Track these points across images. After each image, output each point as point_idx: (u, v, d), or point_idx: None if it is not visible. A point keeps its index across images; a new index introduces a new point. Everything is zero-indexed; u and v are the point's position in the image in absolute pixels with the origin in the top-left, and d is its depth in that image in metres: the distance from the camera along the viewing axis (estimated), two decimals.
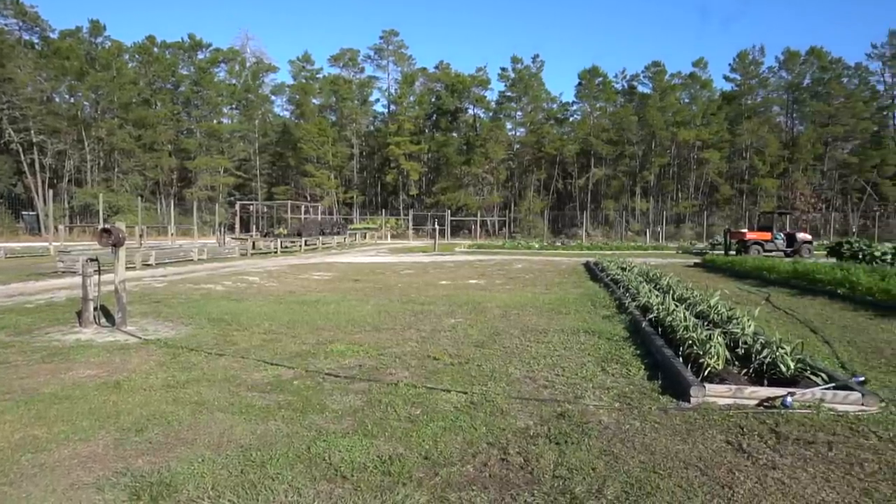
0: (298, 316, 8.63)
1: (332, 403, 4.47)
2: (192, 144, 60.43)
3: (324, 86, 65.94)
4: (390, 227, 55.29)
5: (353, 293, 11.67)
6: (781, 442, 3.69)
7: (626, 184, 59.85)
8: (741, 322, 6.20)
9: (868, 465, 3.34)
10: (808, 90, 59.87)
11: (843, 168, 57.66)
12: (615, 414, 4.23)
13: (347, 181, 66.32)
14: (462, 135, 64.09)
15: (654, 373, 5.25)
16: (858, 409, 4.23)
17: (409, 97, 65.11)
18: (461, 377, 5.21)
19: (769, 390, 4.43)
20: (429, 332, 7.36)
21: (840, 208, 56.20)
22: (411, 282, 14.08)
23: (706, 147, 56.84)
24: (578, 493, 3.00)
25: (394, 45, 67.48)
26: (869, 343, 6.73)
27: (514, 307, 9.58)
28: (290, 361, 5.79)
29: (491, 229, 58.66)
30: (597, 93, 61.66)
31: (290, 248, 30.26)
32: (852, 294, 10.43)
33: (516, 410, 4.31)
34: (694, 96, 60.49)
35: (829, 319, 8.47)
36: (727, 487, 3.07)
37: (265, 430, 3.91)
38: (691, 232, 52.50)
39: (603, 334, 7.09)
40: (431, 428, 3.92)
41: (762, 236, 26.12)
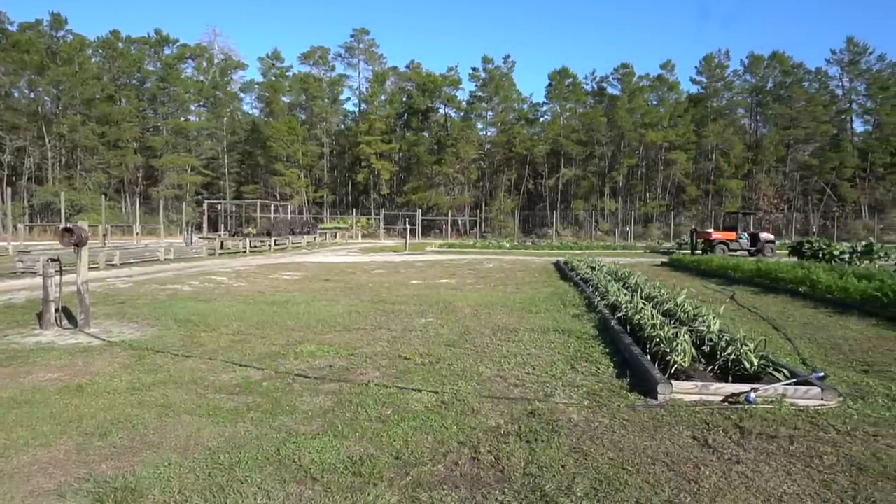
0: (268, 316, 8.53)
1: (301, 404, 4.43)
2: (159, 142, 59.28)
3: (294, 84, 65.33)
4: (361, 226, 55.01)
5: (324, 293, 11.58)
6: (745, 437, 3.77)
7: (596, 184, 60.57)
8: (707, 320, 6.32)
9: (827, 457, 3.44)
10: (771, 93, 61.47)
11: (804, 170, 59.31)
12: (584, 411, 4.27)
13: (318, 180, 65.80)
14: (433, 134, 64.11)
15: (622, 370, 5.32)
16: (818, 403, 4.35)
17: (381, 96, 64.93)
18: (432, 377, 5.20)
19: (734, 386, 4.53)
20: (400, 332, 7.35)
21: (801, 209, 57.78)
22: (382, 281, 14.03)
23: (673, 148, 57.86)
24: (549, 490, 3.02)
25: (365, 44, 67.23)
26: (828, 339, 6.93)
27: (484, 306, 9.62)
28: (260, 362, 5.72)
29: (462, 229, 58.78)
30: (567, 94, 62.27)
31: (260, 248, 29.88)
32: (812, 292, 10.73)
33: (487, 409, 4.32)
34: (661, 98, 61.55)
35: (790, 317, 8.69)
36: (693, 482, 3.13)
37: (233, 432, 3.85)
38: (659, 232, 53.41)
39: (573, 333, 7.16)
40: (402, 428, 3.91)
41: (727, 236, 26.71)
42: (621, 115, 57.20)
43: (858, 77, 60.25)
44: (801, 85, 60.20)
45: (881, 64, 59.12)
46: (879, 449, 3.56)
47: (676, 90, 62.03)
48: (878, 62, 59.14)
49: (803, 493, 3.00)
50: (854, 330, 7.56)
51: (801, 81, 60.33)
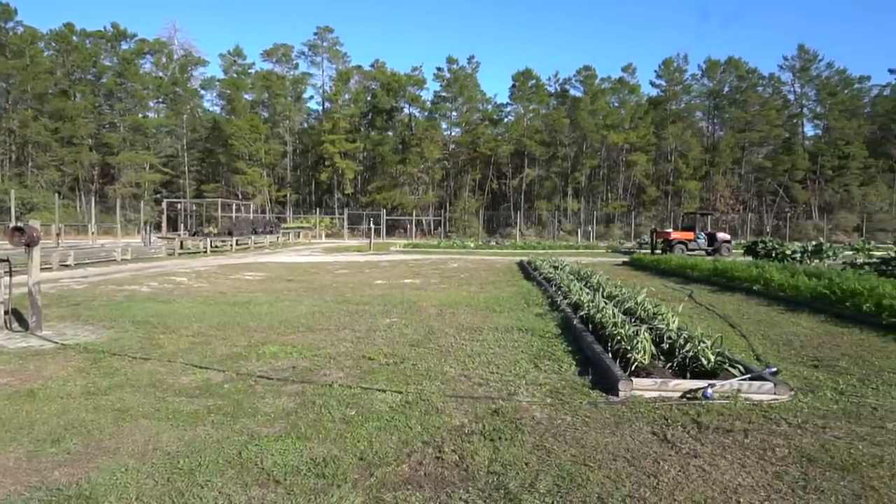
0: (229, 317, 8.38)
1: (264, 406, 4.37)
2: (115, 139, 57.56)
3: (256, 81, 64.25)
4: (325, 226, 54.51)
5: (287, 293, 11.44)
6: (702, 431, 3.87)
7: (559, 184, 61.27)
8: (666, 318, 6.47)
9: (779, 450, 3.56)
10: (728, 97, 63.14)
11: (759, 172, 61.15)
12: (547, 409, 4.32)
13: (280, 179, 64.91)
14: (398, 134, 63.86)
15: (584, 368, 5.40)
16: (771, 397, 4.50)
17: (345, 95, 64.34)
18: (396, 377, 5.20)
19: (691, 382, 4.65)
20: (364, 332, 7.31)
21: (756, 209, 59.53)
22: (346, 281, 13.93)
23: (634, 150, 58.93)
24: (512, 488, 3.05)
25: (328, 42, 66.55)
26: (781, 336, 7.16)
27: (449, 306, 9.64)
28: (221, 364, 5.62)
29: (426, 229, 58.76)
30: (530, 95, 62.81)
31: (221, 248, 29.34)
32: (766, 290, 11.08)
33: (451, 408, 4.34)
34: (623, 100, 62.59)
35: (745, 314, 8.96)
36: (652, 476, 3.20)
37: (193, 435, 3.78)
38: (620, 231, 54.35)
39: (536, 332, 7.23)
40: (366, 428, 3.89)
41: (685, 236, 27.36)
42: (583, 116, 57.97)
43: (809, 83, 62.38)
44: (756, 90, 62.07)
45: (829, 71, 61.46)
46: (828, 440, 3.70)
47: (637, 93, 63.18)
48: (827, 69, 61.46)
49: (757, 484, 3.10)
50: (805, 326, 7.83)
51: (755, 86, 62.19)
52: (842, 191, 57.95)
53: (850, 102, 61.17)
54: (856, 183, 57.67)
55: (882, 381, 5.06)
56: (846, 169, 58.15)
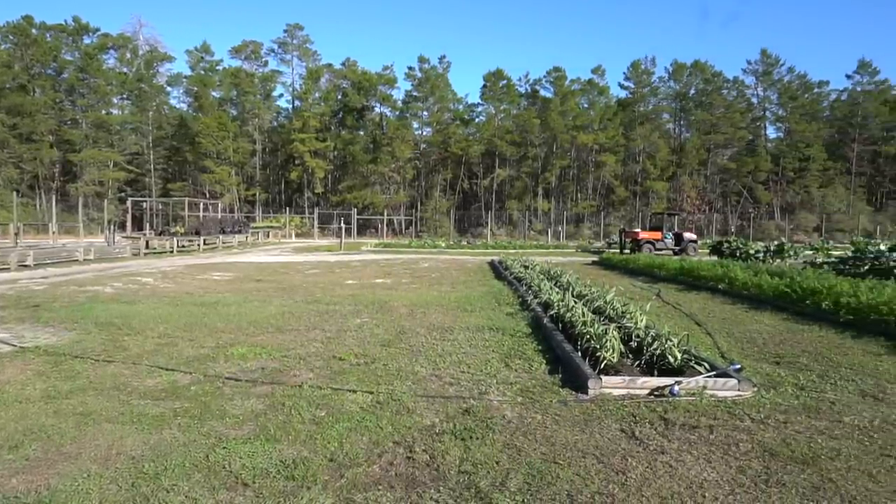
0: (196, 318, 8.24)
1: (232, 408, 4.31)
2: (78, 136, 56.02)
3: (224, 78, 63.23)
4: (295, 225, 53.94)
5: (256, 294, 11.29)
6: (669, 428, 3.94)
7: (529, 185, 61.66)
8: (634, 316, 6.56)
9: (743, 444, 3.64)
10: (694, 100, 64.35)
11: (724, 173, 62.46)
12: (518, 408, 4.35)
13: (249, 178, 64.00)
14: (368, 133, 63.52)
15: (555, 367, 5.45)
16: (735, 394, 4.60)
17: (315, 93, 63.76)
18: (367, 377, 5.17)
19: (659, 380, 4.72)
20: (334, 333, 7.26)
21: (721, 210, 60.78)
22: (316, 281, 13.81)
23: (603, 151, 59.62)
24: (483, 487, 3.06)
25: (298, 40, 65.90)
26: (744, 334, 7.33)
27: (420, 306, 9.63)
28: (187, 366, 5.52)
29: (398, 228, 58.61)
30: (501, 95, 63.06)
31: (188, 248, 28.82)
32: (731, 289, 11.32)
33: (422, 408, 4.34)
34: (592, 102, 63.28)
35: (711, 312, 9.14)
36: (621, 473, 3.25)
37: (159, 439, 3.71)
38: (590, 231, 54.97)
39: (507, 331, 7.27)
40: (337, 429, 3.87)
41: (653, 236, 27.81)
42: (554, 117, 58.45)
43: (771, 87, 63.98)
44: (721, 92, 63.38)
45: (791, 76, 63.19)
46: (789, 435, 3.80)
47: (606, 94, 63.92)
48: (788, 74, 63.19)
49: (721, 479, 3.17)
50: (767, 324, 8.03)
51: (720, 89, 63.50)
52: (802, 192, 59.59)
53: (810, 106, 63.06)
54: (815, 184, 59.37)
55: (840, 377, 5.22)
56: (806, 171, 59.82)
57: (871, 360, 5.84)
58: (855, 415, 4.22)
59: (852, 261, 12.90)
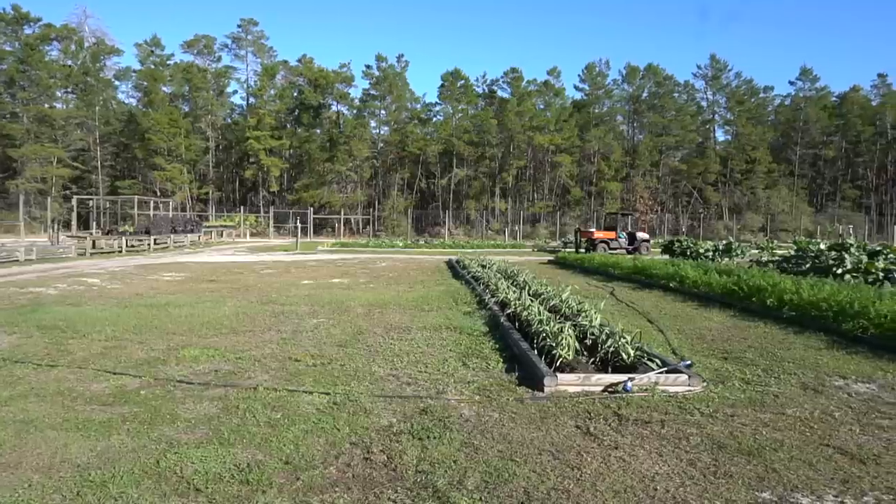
0: (146, 320, 8.00)
1: (184, 412, 4.20)
2: (18, 130, 53.50)
3: (175, 73, 61.43)
4: (250, 225, 52.96)
5: (209, 294, 11.03)
6: (623, 423, 4.03)
7: (487, 184, 62.03)
8: (589, 315, 6.68)
9: (693, 438, 3.76)
10: (646, 103, 65.84)
11: (675, 174, 64.16)
12: (475, 407, 4.38)
13: (202, 176, 62.47)
14: (325, 131, 62.75)
15: (511, 365, 5.50)
16: (686, 389, 4.74)
17: (270, 90, 62.62)
18: (324, 378, 5.12)
19: (613, 377, 4.83)
20: (290, 334, 7.16)
21: (672, 210, 62.44)
22: (272, 282, 13.59)
23: (559, 151, 60.43)
24: (440, 486, 3.07)
25: (253, 35, 64.67)
26: (694, 330, 7.56)
27: (377, 306, 9.59)
28: (137, 369, 5.35)
29: (355, 228, 58.17)
30: (459, 95, 63.21)
31: (138, 248, 27.93)
32: (682, 287, 11.65)
33: (380, 409, 4.32)
34: (548, 103, 64.05)
35: (663, 310, 9.39)
36: (576, 469, 3.30)
37: (107, 446, 3.58)
38: (546, 231, 55.61)
39: (464, 330, 7.30)
40: (293, 431, 3.81)
41: (608, 235, 28.37)
42: (511, 117, 58.95)
43: (720, 91, 66.08)
44: (672, 96, 65.11)
45: (738, 80, 65.47)
46: (736, 428, 3.94)
47: (562, 96, 64.80)
48: (736, 79, 65.45)
49: (672, 471, 3.26)
50: (716, 321, 8.30)
51: (671, 93, 65.20)
52: (749, 193, 61.77)
53: (756, 111, 65.50)
54: (761, 186, 61.63)
55: (783, 371, 5.43)
56: (753, 173, 62.02)
57: (812, 355, 6.11)
58: (797, 407, 4.40)
59: (795, 259, 13.43)
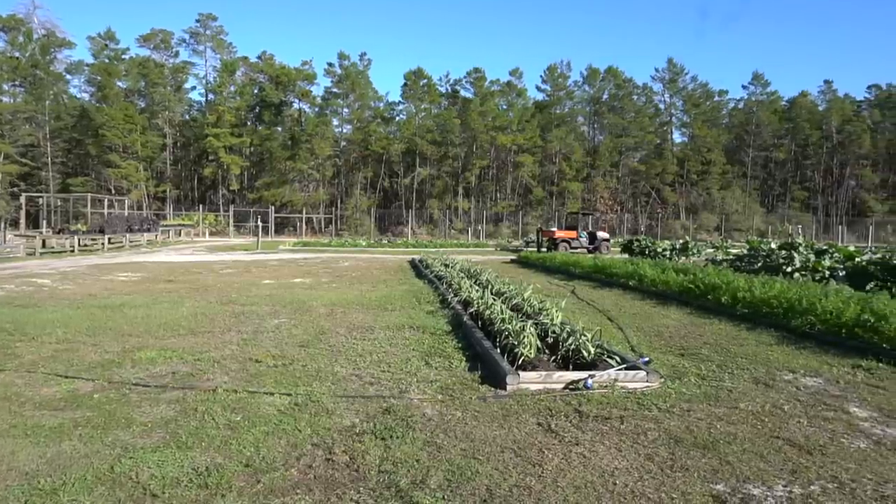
0: (100, 322, 7.76)
1: (139, 416, 4.10)
2: None
3: (131, 68, 59.62)
4: (209, 224, 51.85)
5: (166, 295, 10.77)
6: (583, 420, 4.10)
7: (450, 184, 62.13)
8: (551, 313, 6.77)
9: (651, 433, 3.84)
10: (606, 104, 66.97)
11: (634, 175, 65.42)
12: (438, 406, 4.39)
13: (159, 174, 60.87)
14: (287, 129, 61.87)
15: (474, 364, 5.53)
16: (644, 385, 4.85)
17: (230, 87, 61.36)
18: (285, 379, 5.06)
19: (574, 374, 4.90)
20: (250, 334, 7.04)
21: (631, 210, 63.64)
22: (231, 281, 13.34)
23: (521, 151, 60.94)
24: (403, 485, 3.07)
25: (212, 30, 63.22)
26: (653, 328, 7.73)
27: (340, 305, 9.51)
28: (90, 373, 5.19)
29: (317, 227, 57.55)
30: (421, 94, 63.11)
31: (91, 247, 27.07)
32: (640, 285, 11.89)
33: (342, 409, 4.29)
34: (511, 103, 64.48)
35: (622, 308, 9.56)
36: (538, 465, 3.34)
37: (58, 452, 3.47)
38: (508, 230, 55.98)
39: (427, 329, 7.31)
40: (253, 433, 3.76)
41: (569, 235, 28.73)
42: (473, 117, 59.16)
43: (676, 94, 67.71)
44: (631, 98, 66.39)
45: (694, 84, 67.25)
46: (692, 422, 4.04)
47: (524, 97, 65.31)
48: (692, 82, 67.20)
49: (631, 466, 3.34)
50: (673, 318, 8.50)
51: (631, 95, 66.45)
52: (704, 194, 63.45)
53: (711, 113, 67.46)
54: (716, 187, 63.39)
55: (736, 366, 5.60)
56: (708, 174, 63.76)
57: (764, 350, 6.31)
58: (749, 401, 4.54)
59: (747, 258, 13.84)
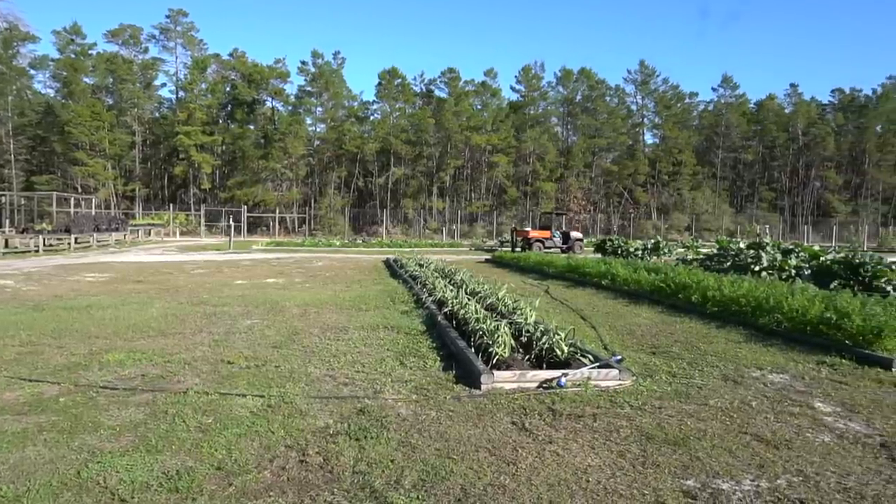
0: (66, 324, 7.58)
1: (107, 420, 4.01)
2: None
3: (98, 64, 58.29)
4: (180, 223, 51.03)
5: (135, 295, 10.56)
6: (557, 418, 4.13)
7: (424, 184, 62.11)
8: (525, 312, 6.80)
9: (623, 430, 3.89)
10: (580, 105, 67.64)
11: (607, 175, 66.19)
12: (413, 406, 4.38)
13: (128, 172, 59.68)
14: (260, 128, 61.19)
15: (449, 363, 5.54)
16: (617, 383, 4.90)
17: (201, 84, 60.43)
18: (258, 380, 5.00)
19: (547, 373, 4.93)
20: (222, 335, 6.95)
21: (604, 210, 64.37)
22: (203, 282, 13.15)
23: (496, 151, 61.21)
24: (378, 486, 3.06)
25: (182, 27, 62.21)
26: (625, 326, 7.82)
27: (313, 305, 9.44)
28: (55, 376, 5.07)
29: (291, 227, 57.06)
30: (396, 94, 62.97)
31: (57, 247, 26.43)
32: (613, 284, 12.02)
33: (316, 410, 4.26)
34: (485, 103, 64.70)
35: (595, 307, 9.66)
36: (512, 464, 3.36)
37: (21, 458, 3.38)
38: (483, 230, 56.19)
39: (402, 329, 7.29)
40: (225, 436, 3.71)
41: (543, 234, 28.94)
42: (448, 117, 59.22)
43: (648, 95, 68.77)
44: (604, 99, 67.17)
45: (665, 86, 68.42)
46: (663, 419, 4.10)
47: (498, 97, 65.58)
48: (663, 84, 68.33)
49: (604, 463, 3.37)
50: (645, 317, 8.62)
51: (603, 96, 67.24)
52: (675, 194, 64.49)
53: (682, 115, 68.70)
54: (687, 187, 64.50)
55: (706, 364, 5.71)
56: (679, 174, 64.85)
57: (733, 348, 6.44)
58: (718, 398, 4.63)
59: (717, 258, 14.09)
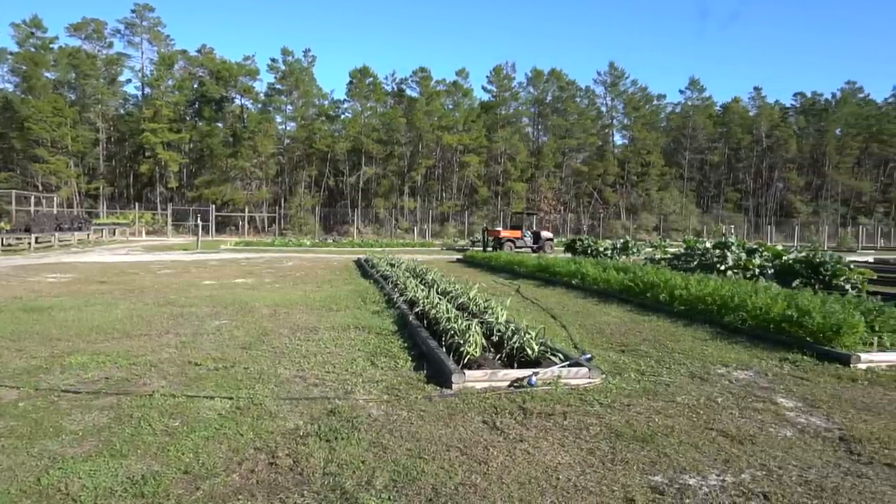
0: (26, 326, 7.36)
1: (69, 424, 3.90)
2: None
3: (60, 58, 56.71)
4: (146, 222, 49.96)
5: (99, 296, 10.31)
6: (528, 417, 4.16)
7: (396, 183, 61.96)
8: (496, 312, 6.84)
9: (592, 428, 3.94)
10: (550, 106, 68.27)
11: (577, 176, 66.97)
12: (384, 406, 4.37)
13: (92, 170, 58.25)
14: (228, 126, 60.28)
15: (420, 363, 5.53)
16: (586, 381, 4.96)
17: (168, 80, 59.27)
18: (226, 382, 4.92)
19: (518, 372, 4.96)
20: (190, 336, 6.83)
21: (574, 210, 65.10)
22: (170, 282, 12.90)
23: (467, 151, 61.39)
24: (349, 487, 3.04)
25: (149, 22, 60.94)
26: (594, 325, 7.91)
27: (283, 306, 9.34)
28: (14, 379, 4.92)
29: (260, 226, 56.38)
30: (367, 92, 62.69)
31: (16, 247, 25.68)
32: (583, 284, 12.15)
33: (286, 411, 4.21)
34: (457, 103, 64.84)
35: (565, 306, 9.76)
36: (483, 463, 3.37)
37: None
38: (454, 230, 56.29)
39: (373, 329, 7.26)
40: (192, 439, 3.64)
41: (514, 234, 29.13)
42: (419, 116, 59.19)
43: (618, 97, 69.81)
44: (574, 100, 67.93)
45: (634, 88, 69.56)
46: (632, 417, 4.16)
47: (470, 97, 65.78)
48: (632, 86, 69.42)
49: (574, 461, 3.41)
50: (614, 316, 8.73)
51: (574, 97, 68.01)
52: (644, 194, 65.54)
53: (650, 117, 69.94)
54: (655, 188, 65.62)
55: (674, 361, 5.81)
56: (647, 175, 65.94)
57: (699, 345, 6.57)
58: (685, 395, 4.72)
59: (684, 257, 14.37)
